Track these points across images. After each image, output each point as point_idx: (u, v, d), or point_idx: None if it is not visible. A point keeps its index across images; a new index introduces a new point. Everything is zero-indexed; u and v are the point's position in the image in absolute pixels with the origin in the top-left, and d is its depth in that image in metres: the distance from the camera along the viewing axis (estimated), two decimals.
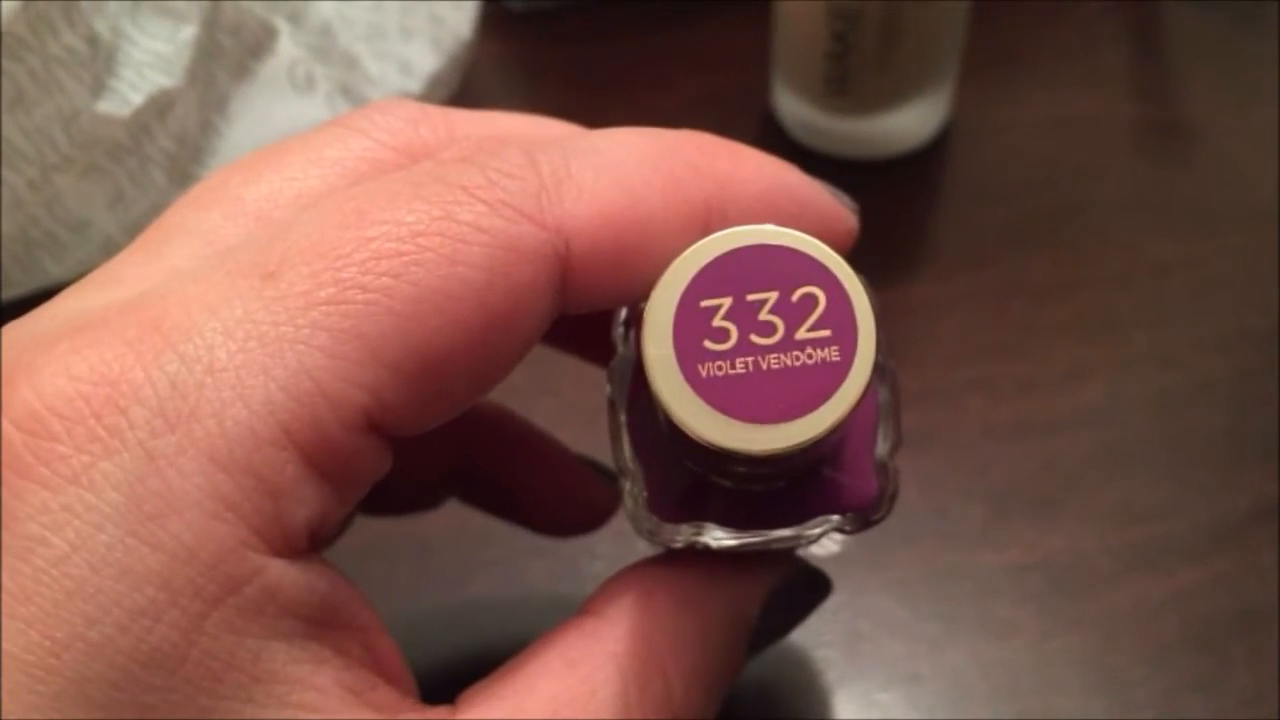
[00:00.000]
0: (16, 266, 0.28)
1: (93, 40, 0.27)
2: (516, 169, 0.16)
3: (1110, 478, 0.31)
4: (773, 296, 0.15)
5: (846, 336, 0.15)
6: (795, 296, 0.15)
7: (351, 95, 0.33)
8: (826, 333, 0.15)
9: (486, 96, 0.40)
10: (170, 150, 0.29)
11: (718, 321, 0.15)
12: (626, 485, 0.17)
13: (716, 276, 0.15)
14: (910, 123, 0.37)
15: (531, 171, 0.16)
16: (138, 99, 0.28)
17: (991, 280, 0.35)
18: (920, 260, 0.36)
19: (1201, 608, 0.29)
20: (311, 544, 0.15)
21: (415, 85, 0.35)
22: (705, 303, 0.15)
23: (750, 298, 0.15)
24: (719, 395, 0.14)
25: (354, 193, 0.16)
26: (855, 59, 0.35)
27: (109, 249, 0.29)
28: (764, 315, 0.15)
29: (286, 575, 0.15)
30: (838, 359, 0.15)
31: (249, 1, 0.31)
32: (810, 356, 0.15)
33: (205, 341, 0.14)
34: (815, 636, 0.28)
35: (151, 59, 0.28)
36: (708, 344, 0.15)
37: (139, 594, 0.14)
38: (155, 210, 0.29)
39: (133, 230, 0.29)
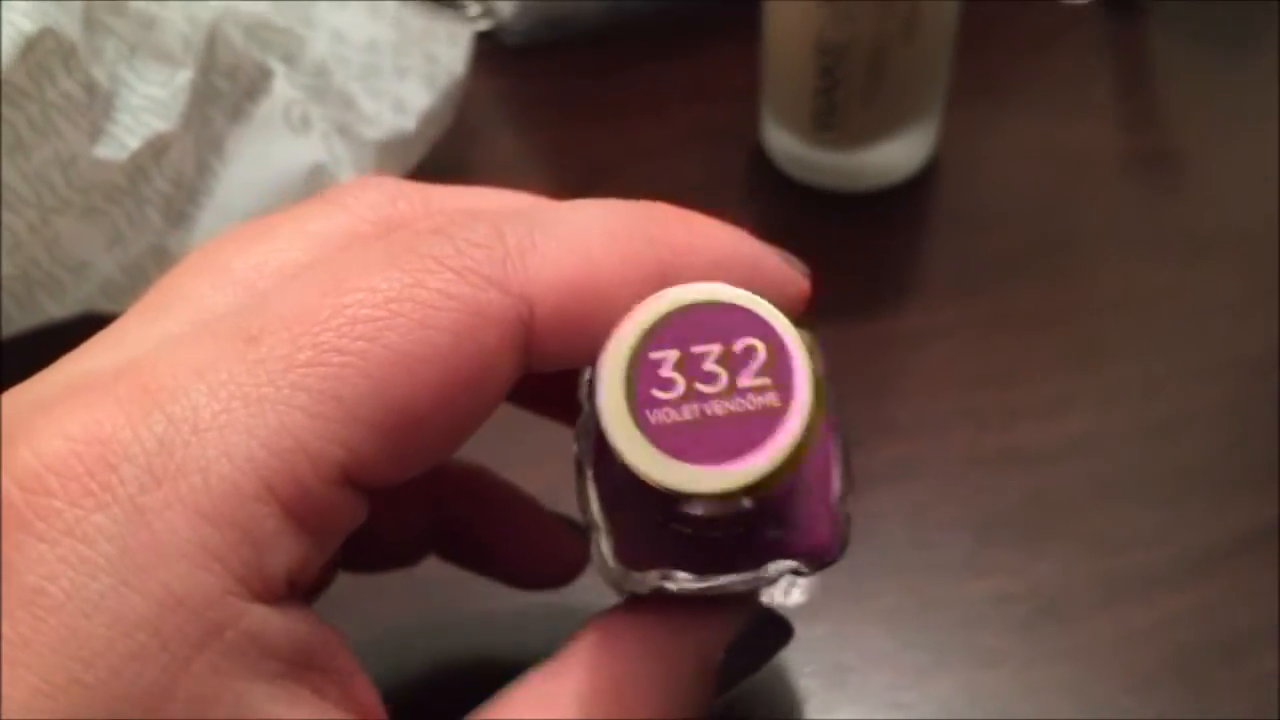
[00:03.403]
0: (16, 306, 0.29)
1: (91, 87, 0.27)
2: (484, 239, 0.16)
3: (1096, 507, 0.31)
4: (716, 349, 0.16)
5: (786, 384, 0.16)
6: (737, 348, 0.16)
7: (347, 134, 0.34)
8: (767, 380, 0.16)
9: (482, 130, 0.40)
10: (166, 192, 0.29)
11: (665, 372, 0.16)
12: (594, 536, 0.18)
13: (664, 332, 0.16)
14: (897, 156, 0.38)
15: (498, 242, 0.17)
16: (134, 143, 0.28)
17: (979, 310, 0.36)
18: (908, 291, 0.36)
19: (1185, 636, 0.29)
20: (291, 590, 0.16)
21: (410, 122, 0.35)
22: (654, 355, 0.16)
23: (695, 350, 0.16)
24: (668, 440, 0.15)
25: (333, 262, 0.17)
26: (842, 94, 0.36)
27: (107, 289, 0.29)
28: (708, 366, 0.16)
29: (268, 620, 0.15)
30: (778, 405, 0.16)
31: (244, 44, 0.32)
32: (751, 403, 0.16)
33: (191, 402, 0.15)
34: (799, 668, 0.29)
35: (148, 104, 0.29)
36: (656, 393, 0.16)
37: (130, 640, 0.15)
38: (152, 251, 0.30)
39: (130, 270, 0.29)
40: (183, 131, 0.29)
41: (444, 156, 0.38)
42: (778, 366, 0.16)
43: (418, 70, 0.36)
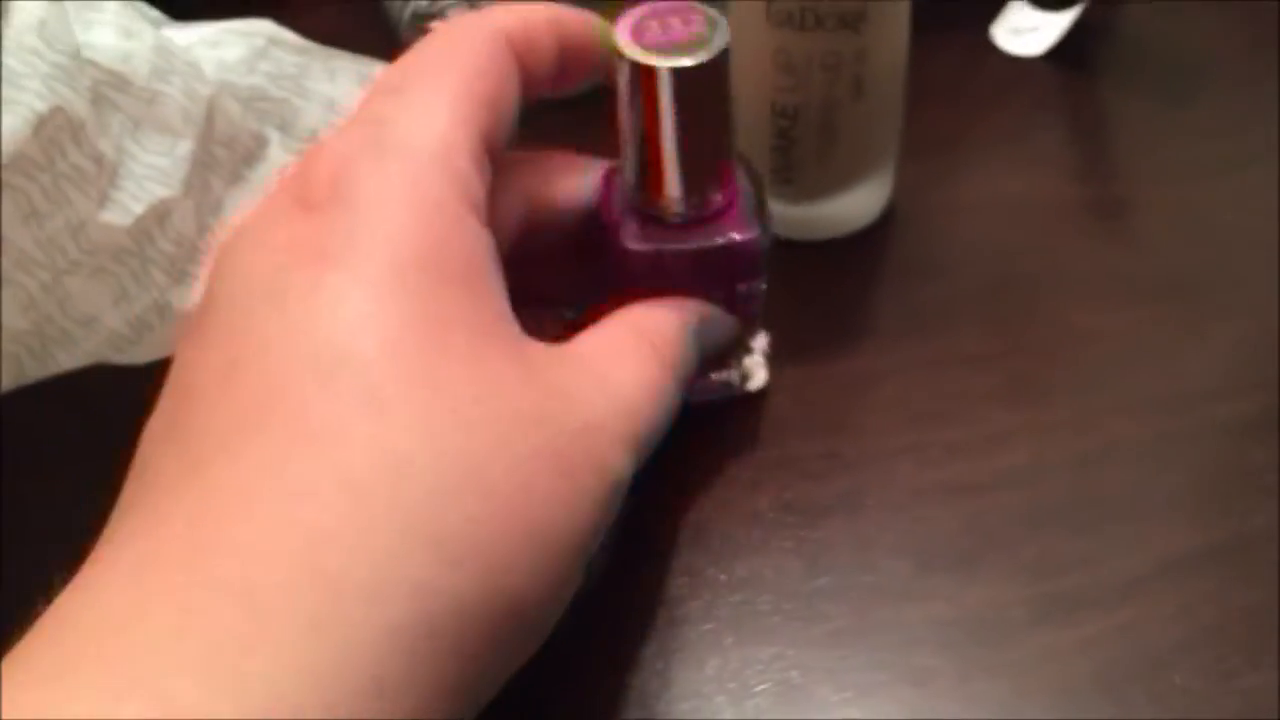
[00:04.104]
0: (31, 358, 0.31)
1: (98, 159, 0.30)
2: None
3: (1027, 535, 0.34)
4: (676, 18, 0.29)
5: (714, 26, 0.29)
6: (685, 18, 0.29)
7: None
8: (703, 26, 0.29)
9: None
10: (170, 252, 0.32)
11: (652, 23, 0.29)
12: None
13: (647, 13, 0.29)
14: (853, 208, 0.41)
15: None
16: (139, 208, 0.31)
17: (926, 352, 0.38)
18: (861, 334, 0.39)
19: (1108, 655, 0.31)
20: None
21: None
22: (646, 20, 0.29)
23: (665, 18, 0.29)
24: (654, 44, 0.28)
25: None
26: (797, 152, 0.39)
27: (114, 341, 0.32)
28: (671, 20, 0.29)
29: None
30: (708, 33, 0.29)
31: (241, 116, 0.34)
32: (694, 34, 0.29)
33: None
34: (748, 688, 0.31)
35: (151, 172, 0.31)
36: (650, 26, 0.29)
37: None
38: (156, 306, 0.32)
39: (136, 325, 0.32)
40: (184, 197, 0.32)
41: None
42: (710, 23, 0.29)
43: None
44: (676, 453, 0.35)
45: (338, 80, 0.38)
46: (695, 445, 0.36)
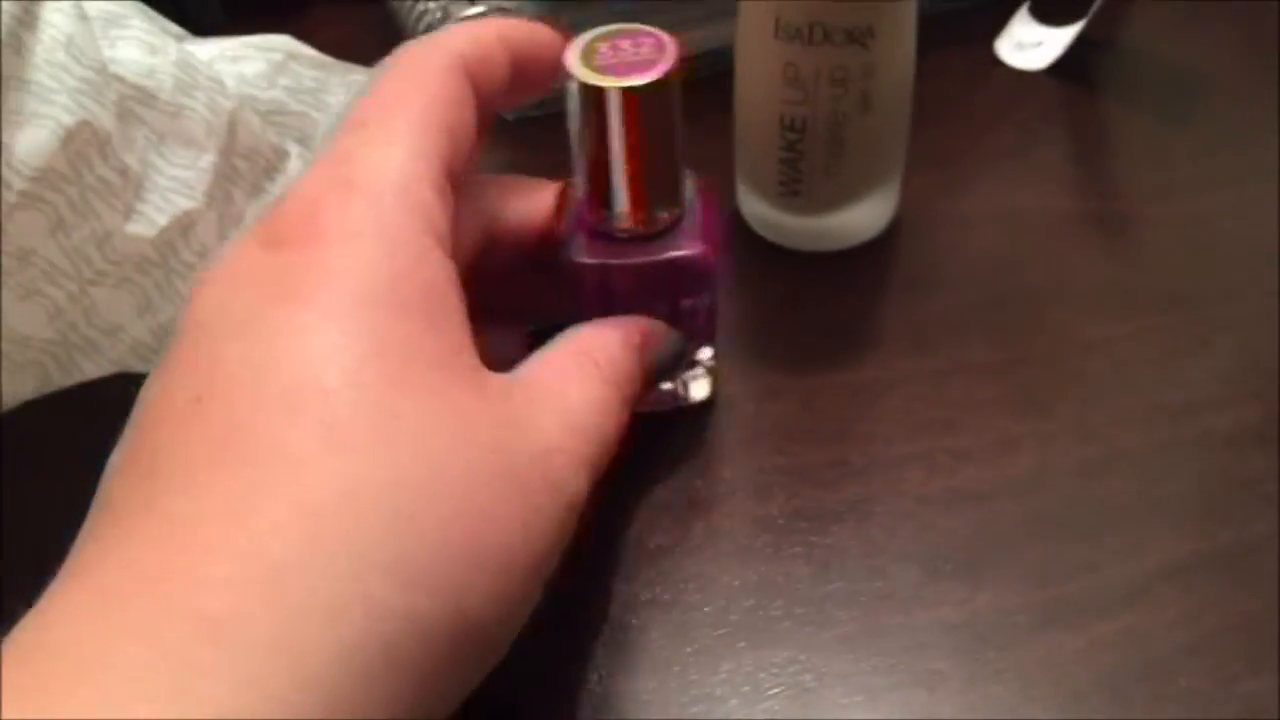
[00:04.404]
0: (57, 367, 0.32)
1: (123, 171, 0.31)
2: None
3: (1032, 542, 0.34)
4: (626, 42, 0.31)
5: (661, 51, 0.30)
6: (636, 40, 0.31)
7: None
8: (653, 51, 0.30)
9: None
10: (192, 263, 0.33)
11: (604, 49, 0.30)
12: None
13: (601, 40, 0.31)
14: (859, 220, 0.41)
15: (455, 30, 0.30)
16: (163, 220, 0.32)
17: (932, 362, 0.39)
18: (868, 345, 0.39)
19: (1110, 659, 0.32)
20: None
21: None
22: (599, 45, 0.31)
23: (617, 42, 0.31)
24: (603, 66, 0.30)
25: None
26: (806, 165, 0.39)
27: (138, 350, 0.32)
28: (623, 45, 0.31)
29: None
30: (658, 57, 0.30)
31: (262, 129, 0.35)
32: (644, 56, 0.30)
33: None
34: (761, 691, 0.32)
35: (175, 185, 0.32)
36: (600, 57, 0.30)
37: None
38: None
39: (160, 333, 0.33)
40: (207, 208, 0.33)
41: None
42: (658, 46, 0.30)
43: None
44: (687, 461, 0.36)
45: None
46: (706, 453, 0.37)
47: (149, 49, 0.32)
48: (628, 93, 0.30)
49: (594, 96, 0.30)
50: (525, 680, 0.31)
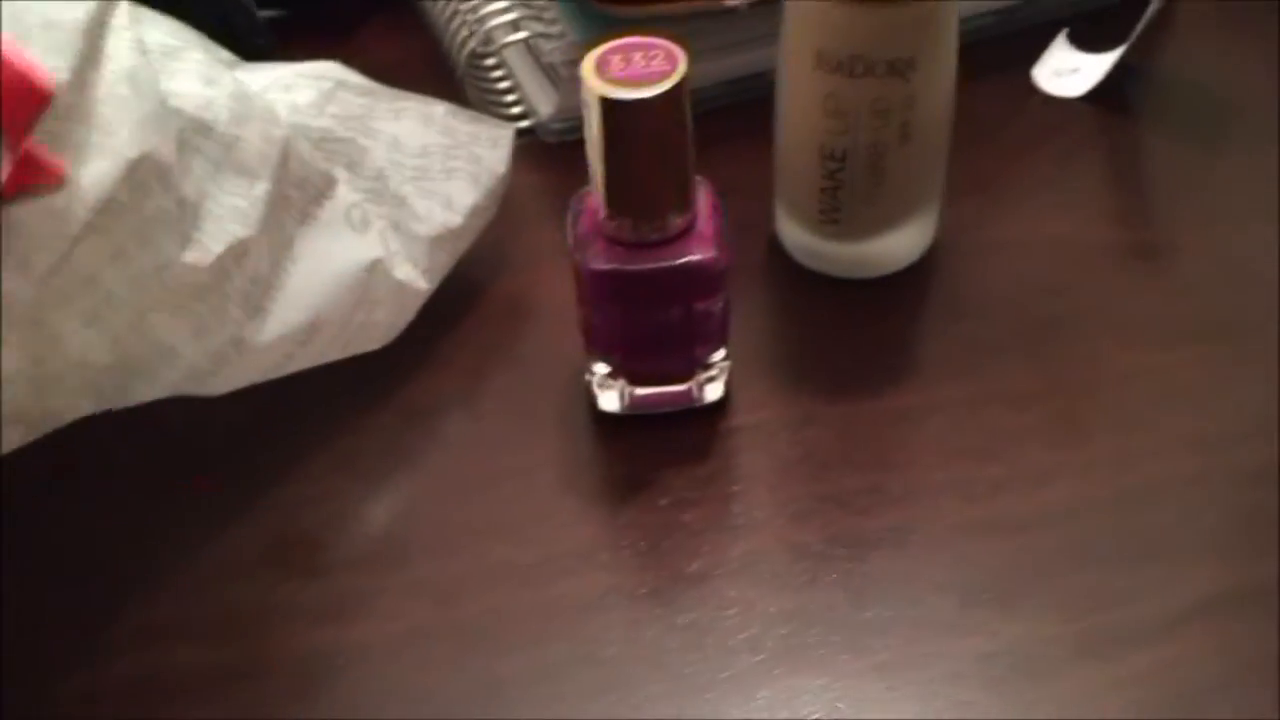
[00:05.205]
0: (113, 389, 0.33)
1: (182, 201, 0.31)
2: None
3: (1069, 571, 0.34)
4: (638, 54, 0.32)
5: (673, 61, 0.32)
6: (647, 50, 0.32)
7: (402, 230, 0.38)
8: (663, 62, 0.32)
9: (523, 220, 0.44)
10: (245, 289, 0.33)
11: (615, 59, 0.32)
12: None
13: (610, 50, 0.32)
14: (898, 247, 0.42)
15: None
16: (218, 248, 0.32)
17: (970, 389, 0.39)
18: (905, 371, 0.40)
19: (1142, 693, 0.32)
20: None
21: (457, 218, 0.39)
22: (610, 56, 0.32)
23: (629, 54, 0.32)
24: (616, 77, 0.31)
25: None
26: (845, 194, 0.40)
27: (193, 374, 0.33)
28: (634, 56, 0.32)
29: None
30: (668, 68, 0.32)
31: (312, 157, 0.36)
32: (656, 67, 0.32)
33: None
34: (798, 717, 0.32)
35: (230, 213, 0.33)
36: (611, 66, 0.32)
37: None
38: (233, 340, 0.34)
39: (214, 358, 0.33)
40: (259, 236, 0.33)
41: (491, 245, 0.42)
42: (669, 57, 0.32)
43: (464, 171, 0.40)
44: (725, 486, 0.37)
45: (402, 120, 0.39)
46: (744, 479, 0.37)
47: (205, 80, 0.33)
48: (640, 103, 0.31)
49: (607, 107, 0.31)
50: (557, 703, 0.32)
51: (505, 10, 0.47)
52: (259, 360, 0.35)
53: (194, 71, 0.33)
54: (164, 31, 0.33)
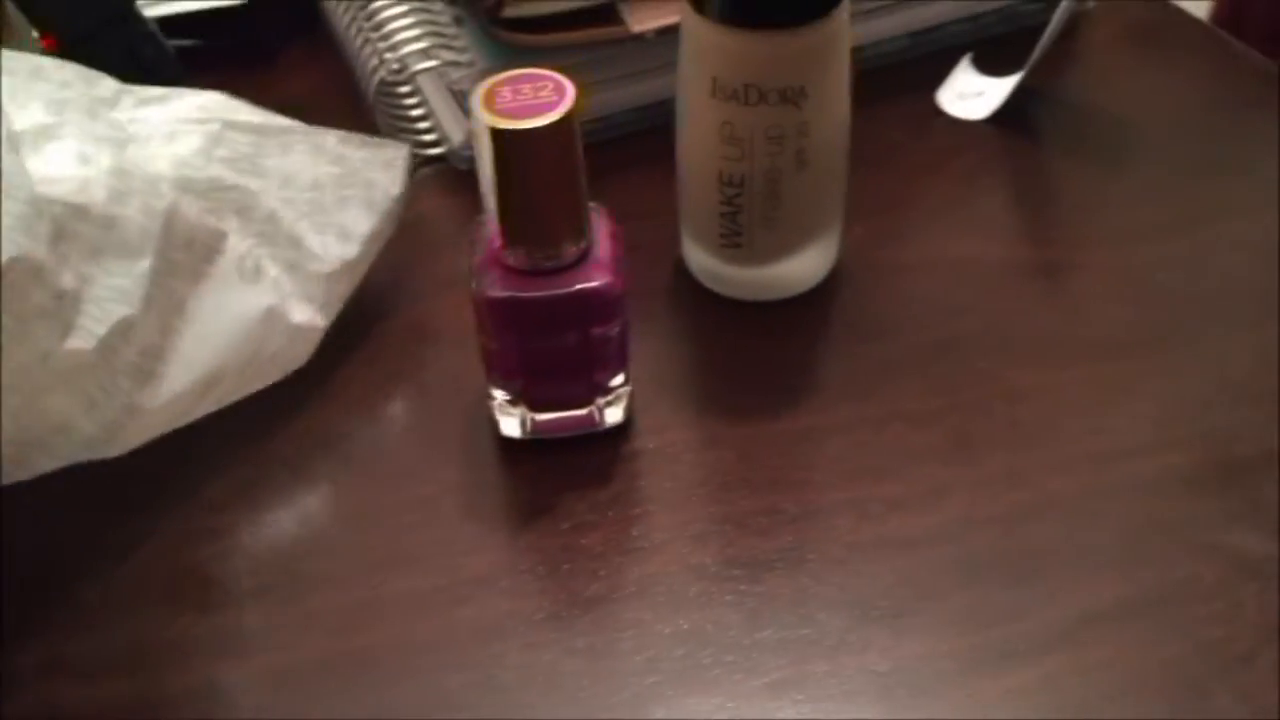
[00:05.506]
0: (16, 465, 0.33)
1: (60, 295, 0.31)
2: None
3: (959, 588, 0.35)
4: (525, 84, 0.33)
5: (560, 93, 0.33)
6: (535, 82, 0.33)
7: (297, 271, 0.38)
8: (552, 94, 0.33)
9: (431, 245, 0.45)
10: (134, 360, 0.34)
11: (504, 93, 0.33)
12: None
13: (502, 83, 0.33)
14: (800, 270, 0.42)
15: None
16: (102, 330, 0.32)
17: (869, 410, 0.40)
18: (806, 393, 0.40)
19: (1033, 704, 0.33)
20: None
21: (354, 249, 0.40)
22: (500, 90, 0.33)
23: (516, 85, 0.33)
24: (506, 109, 0.32)
25: None
26: (745, 219, 0.40)
27: (89, 443, 0.34)
28: (522, 88, 0.33)
29: None
30: (557, 99, 0.32)
31: (199, 216, 0.35)
32: (544, 98, 0.33)
33: None
34: None
35: (112, 294, 0.33)
36: (500, 100, 0.33)
37: None
38: (126, 408, 0.34)
39: (108, 427, 0.34)
40: (145, 311, 0.33)
41: (396, 270, 0.43)
42: (557, 88, 0.33)
43: (358, 197, 0.40)
44: (625, 509, 0.37)
45: (292, 154, 0.39)
46: (644, 502, 0.38)
47: (81, 159, 0.33)
48: (529, 133, 0.32)
49: (498, 137, 0.32)
50: None
51: (417, 39, 0.48)
52: (155, 420, 0.35)
53: (70, 150, 0.33)
54: (39, 106, 0.33)
